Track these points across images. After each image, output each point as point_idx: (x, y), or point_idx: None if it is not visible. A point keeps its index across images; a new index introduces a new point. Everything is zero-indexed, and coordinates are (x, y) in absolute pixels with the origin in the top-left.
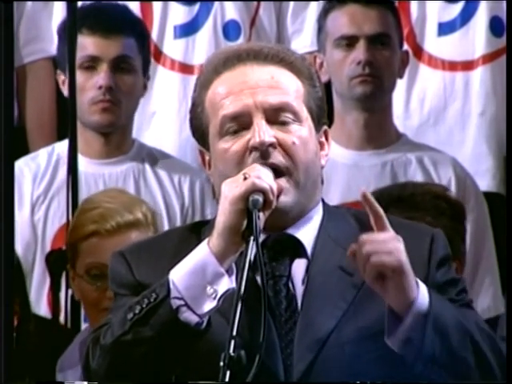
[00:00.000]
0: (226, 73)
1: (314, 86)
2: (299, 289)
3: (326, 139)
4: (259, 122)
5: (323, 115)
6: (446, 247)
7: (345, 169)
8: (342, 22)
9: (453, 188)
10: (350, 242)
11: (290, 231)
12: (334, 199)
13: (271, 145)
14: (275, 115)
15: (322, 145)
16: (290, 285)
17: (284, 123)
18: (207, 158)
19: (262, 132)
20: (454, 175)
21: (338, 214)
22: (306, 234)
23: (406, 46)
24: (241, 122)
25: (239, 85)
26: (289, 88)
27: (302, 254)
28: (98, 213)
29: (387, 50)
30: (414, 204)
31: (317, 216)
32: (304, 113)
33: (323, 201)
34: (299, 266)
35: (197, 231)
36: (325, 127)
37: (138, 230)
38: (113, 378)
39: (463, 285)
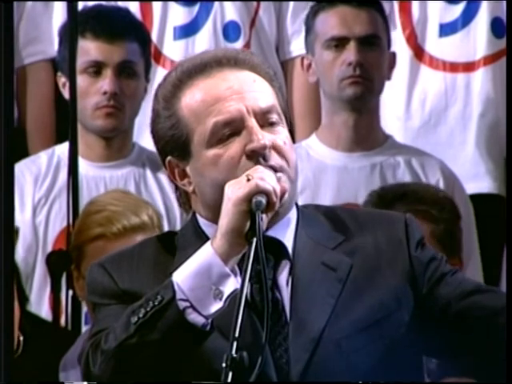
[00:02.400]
0: (203, 80)
1: (277, 87)
2: (284, 291)
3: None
4: (254, 126)
5: (288, 119)
6: (420, 230)
7: (334, 170)
8: (332, 23)
9: None
10: (328, 238)
11: (272, 233)
12: (323, 201)
13: (269, 147)
14: (264, 118)
15: None
16: (275, 288)
17: (272, 124)
18: (178, 169)
19: (261, 135)
20: (442, 177)
21: (310, 213)
22: (287, 235)
23: (406, 47)
24: (233, 128)
25: (225, 91)
26: (267, 91)
27: (284, 256)
28: (104, 216)
29: (377, 52)
30: (419, 198)
31: (293, 216)
32: (282, 115)
33: (296, 202)
34: (282, 269)
35: (171, 240)
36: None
37: (144, 233)
38: (117, 383)
39: (442, 255)
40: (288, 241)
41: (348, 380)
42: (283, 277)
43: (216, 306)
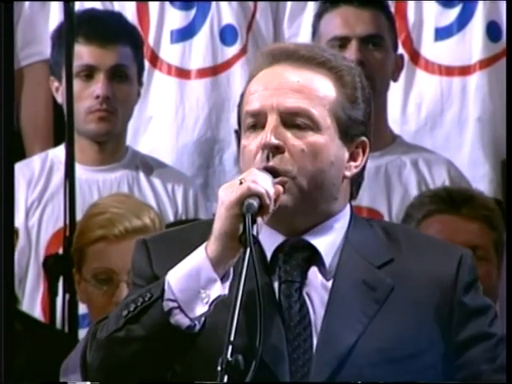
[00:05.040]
0: (264, 70)
1: (354, 97)
2: (315, 296)
3: (363, 151)
4: (271, 124)
5: (357, 128)
6: (474, 271)
7: None
8: (334, 23)
9: None
10: (375, 254)
11: (308, 238)
12: None
13: (278, 148)
14: (291, 119)
15: (354, 155)
16: (304, 291)
17: (299, 128)
18: None
19: (269, 133)
20: (448, 177)
21: (366, 225)
22: (325, 242)
23: (402, 51)
24: (257, 121)
25: (266, 84)
26: (314, 94)
27: (318, 261)
28: (106, 218)
29: (379, 52)
30: (485, 203)
31: (339, 225)
32: (326, 121)
33: (352, 210)
34: (315, 274)
35: None
36: (361, 138)
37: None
38: (104, 373)
39: (494, 311)
40: (325, 247)
41: None
42: (316, 282)
43: (201, 310)
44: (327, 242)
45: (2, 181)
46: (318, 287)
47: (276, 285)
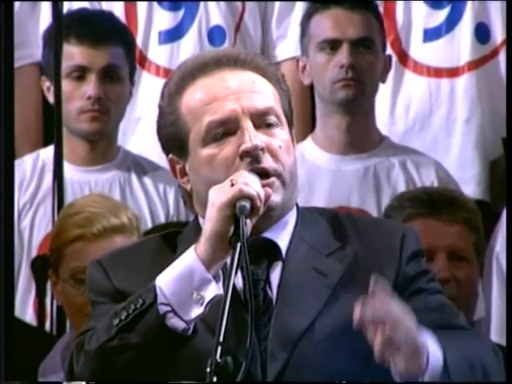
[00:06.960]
0: (203, 79)
1: (284, 90)
2: (276, 292)
3: (293, 141)
4: (248, 127)
5: (293, 118)
6: (418, 243)
7: (328, 174)
8: (325, 25)
9: None
10: (324, 244)
11: (268, 235)
12: (316, 204)
13: (262, 149)
14: (261, 119)
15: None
16: (268, 289)
17: (269, 126)
18: (178, 166)
19: (253, 136)
20: (437, 178)
21: (311, 217)
22: (283, 238)
23: (390, 52)
24: (227, 128)
25: (222, 90)
26: (267, 92)
27: (278, 258)
28: (84, 217)
29: (370, 55)
30: (465, 205)
31: (292, 219)
32: (283, 117)
33: (297, 204)
34: (276, 270)
35: (173, 240)
36: (293, 131)
37: (123, 235)
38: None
39: (432, 275)
40: (283, 243)
41: (323, 380)
42: (277, 277)
43: (197, 311)
44: (285, 238)
45: (2, 180)
46: (278, 283)
47: (241, 285)
